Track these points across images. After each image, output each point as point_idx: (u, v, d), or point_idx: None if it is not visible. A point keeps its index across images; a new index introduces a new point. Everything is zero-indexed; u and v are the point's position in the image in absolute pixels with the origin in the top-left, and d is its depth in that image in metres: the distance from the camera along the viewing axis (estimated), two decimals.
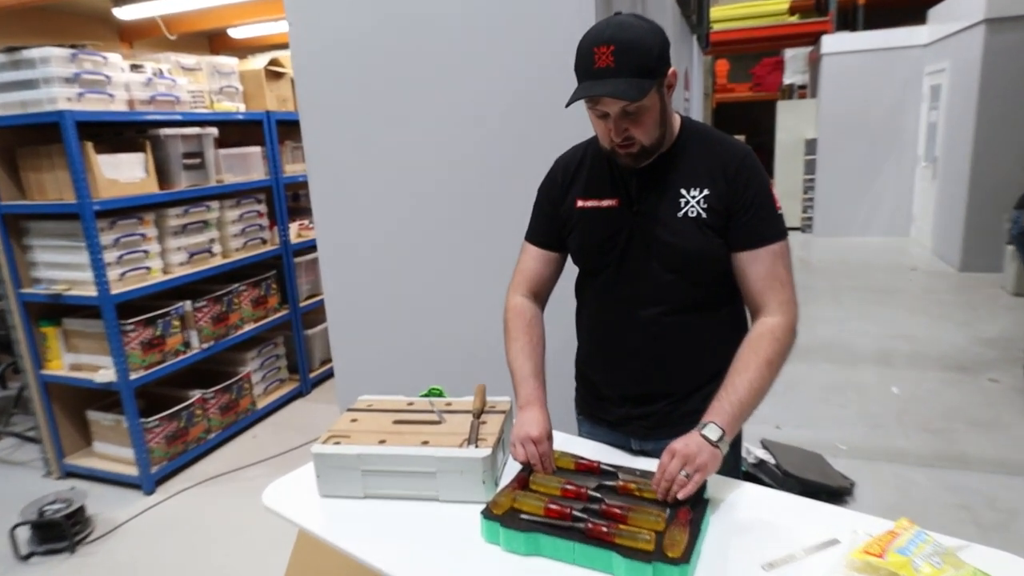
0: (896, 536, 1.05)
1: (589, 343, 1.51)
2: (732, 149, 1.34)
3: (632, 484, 1.23)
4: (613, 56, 1.18)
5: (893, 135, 8.01)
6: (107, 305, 2.97)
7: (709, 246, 1.31)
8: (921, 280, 6.25)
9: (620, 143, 1.27)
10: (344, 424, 1.49)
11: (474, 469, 1.30)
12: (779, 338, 1.28)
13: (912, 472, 3.00)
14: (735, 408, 1.22)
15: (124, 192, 3.06)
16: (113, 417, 3.22)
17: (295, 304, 4.17)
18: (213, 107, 3.71)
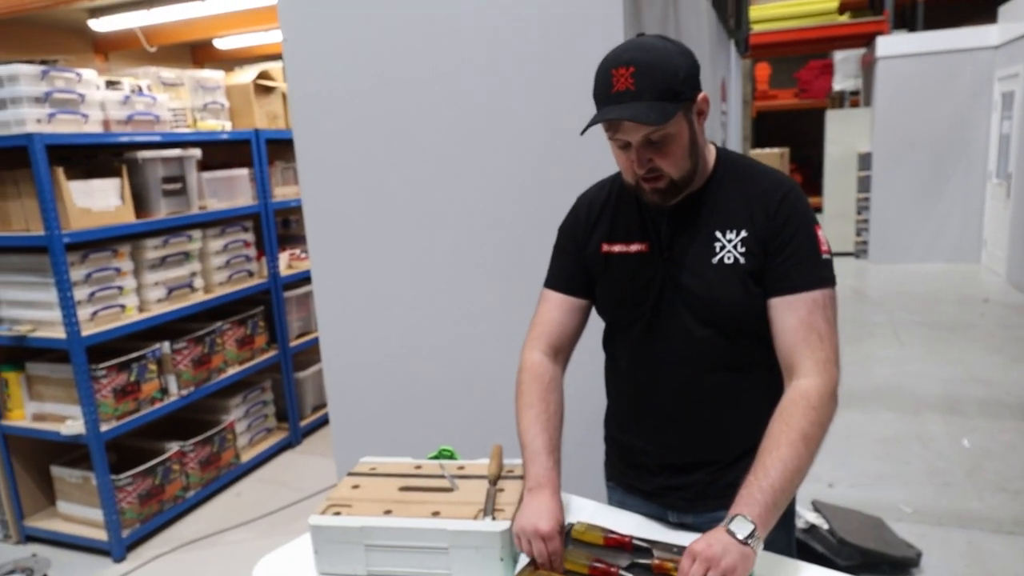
0: None
1: (620, 404, 1.53)
2: (773, 183, 1.34)
3: (669, 563, 1.24)
4: (633, 78, 1.20)
5: (959, 149, 8.02)
6: (76, 348, 3.03)
7: (747, 297, 1.31)
8: (995, 313, 6.21)
9: (644, 175, 1.28)
10: (345, 491, 1.52)
11: (491, 544, 1.32)
12: (814, 406, 1.23)
13: (988, 539, 2.97)
14: (767, 496, 1.16)
15: (97, 222, 3.14)
16: (80, 473, 3.26)
17: (285, 344, 4.22)
18: (196, 126, 3.81)
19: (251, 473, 3.96)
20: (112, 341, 3.24)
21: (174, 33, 4.10)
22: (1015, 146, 7.05)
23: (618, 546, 1.33)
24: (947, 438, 3.88)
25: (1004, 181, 7.35)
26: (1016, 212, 6.99)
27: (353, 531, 1.37)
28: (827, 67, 10.62)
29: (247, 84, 4.03)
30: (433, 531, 1.34)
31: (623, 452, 1.54)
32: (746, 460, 1.39)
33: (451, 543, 1.33)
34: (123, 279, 3.28)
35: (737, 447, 1.41)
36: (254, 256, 4.06)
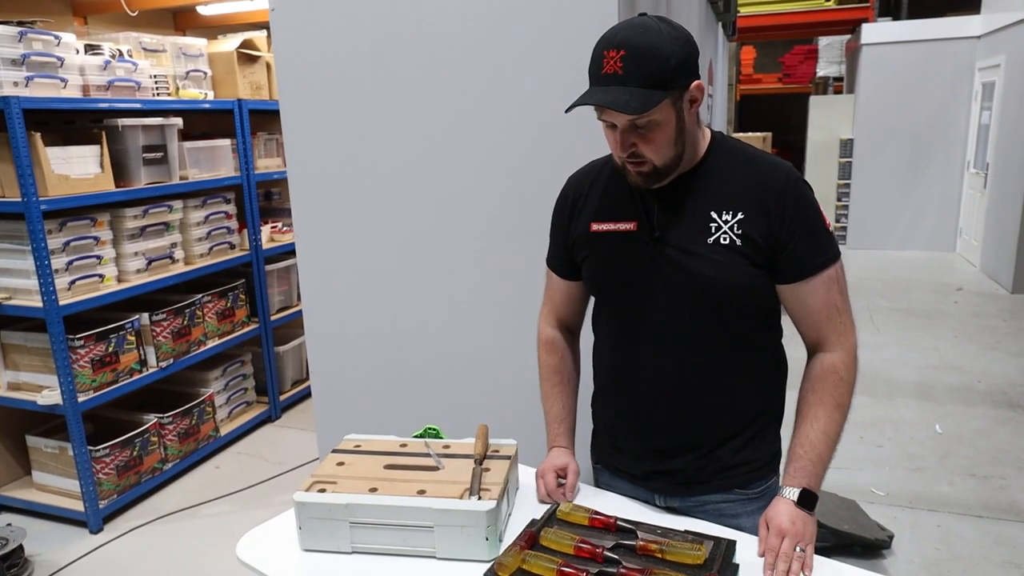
0: None
1: (606, 385, 1.53)
2: (772, 170, 1.33)
3: (653, 544, 1.25)
4: (622, 62, 1.19)
5: (939, 138, 8.10)
6: (54, 317, 2.97)
7: (743, 277, 1.30)
8: (968, 302, 6.31)
9: (627, 158, 1.29)
10: (330, 468, 1.51)
11: (477, 523, 1.31)
12: (844, 377, 1.33)
13: (957, 523, 3.03)
14: (818, 467, 1.31)
15: (75, 190, 3.07)
16: (56, 444, 3.22)
17: (265, 318, 4.18)
18: (178, 94, 3.73)
19: (230, 446, 3.94)
20: (90, 311, 3.19)
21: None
22: (993, 137, 7.13)
23: (603, 527, 1.33)
24: (920, 423, 3.95)
25: (981, 171, 7.44)
26: (992, 202, 7.09)
27: (338, 508, 1.36)
28: (812, 52, 10.64)
29: (230, 52, 3.94)
30: (419, 509, 1.33)
31: (609, 434, 1.54)
32: (733, 444, 1.42)
33: (436, 521, 1.33)
34: (102, 248, 3.22)
35: (723, 430, 1.41)
36: (236, 228, 4.00)
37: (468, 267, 2.22)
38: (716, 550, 1.25)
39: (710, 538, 1.29)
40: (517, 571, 1.21)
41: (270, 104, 4.15)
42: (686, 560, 1.22)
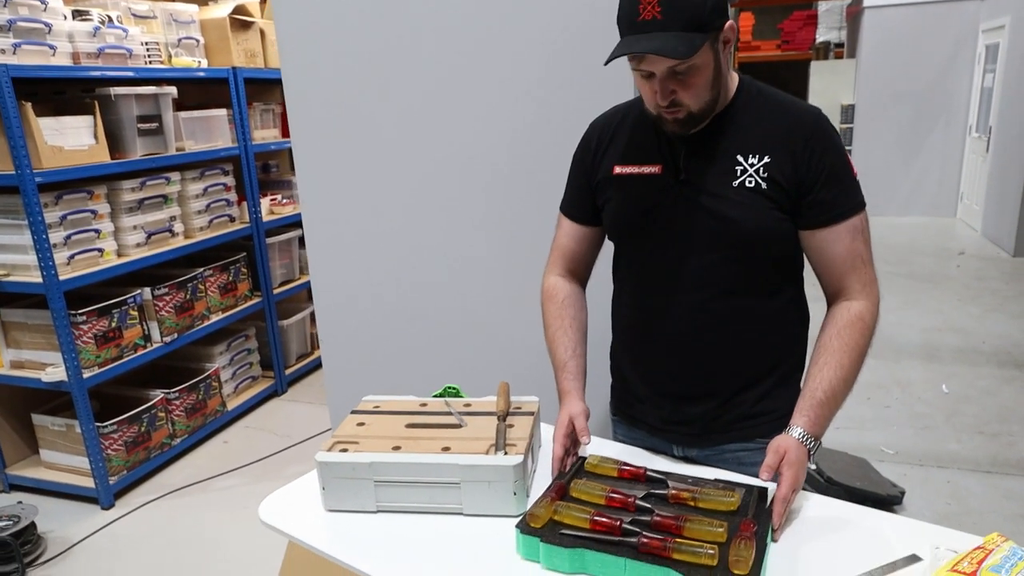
0: (988, 553, 1.07)
1: (628, 334, 1.52)
2: (800, 113, 1.32)
3: (685, 492, 1.24)
4: (660, 6, 1.16)
5: (941, 102, 8.06)
6: (54, 293, 2.94)
7: (768, 221, 1.30)
8: (971, 266, 6.32)
9: (666, 107, 1.26)
10: (350, 429, 1.49)
11: (504, 478, 1.30)
12: (869, 326, 1.33)
13: (966, 479, 3.06)
14: (832, 414, 1.31)
15: (70, 161, 3.02)
16: (63, 421, 3.21)
17: (268, 291, 4.16)
18: (171, 62, 3.66)
19: (237, 421, 3.94)
20: (90, 287, 3.15)
21: None
22: (996, 100, 7.09)
23: (632, 478, 1.33)
24: (926, 384, 3.97)
25: (984, 135, 7.41)
26: (994, 166, 7.07)
27: (362, 467, 1.35)
28: (811, 18, 10.50)
29: (223, 19, 3.87)
30: (445, 466, 1.32)
31: (629, 384, 1.54)
32: (753, 392, 1.42)
33: (463, 477, 1.32)
34: (100, 222, 3.18)
35: (743, 377, 1.42)
36: (235, 201, 3.96)
37: (476, 226, 2.20)
38: (748, 496, 1.24)
39: (741, 485, 1.28)
40: (550, 522, 1.20)
41: (266, 72, 4.09)
42: (719, 507, 1.21)
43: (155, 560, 2.78)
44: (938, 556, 1.13)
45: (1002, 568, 1.03)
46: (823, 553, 1.18)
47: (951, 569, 1.06)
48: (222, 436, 3.79)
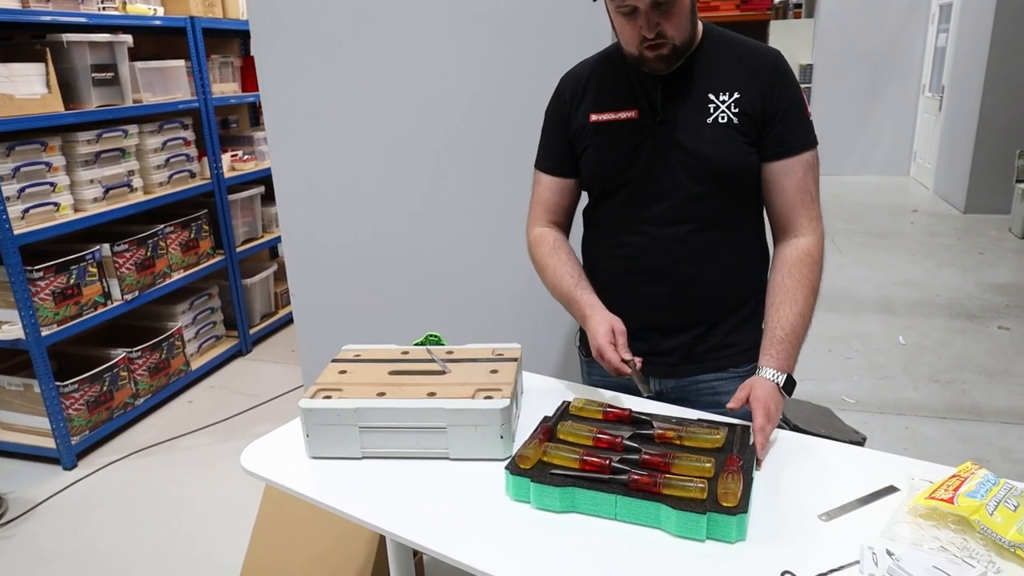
0: (963, 480, 1.11)
1: (604, 271, 1.54)
2: (762, 51, 1.39)
3: (671, 431, 1.26)
4: None
5: (896, 61, 8.17)
6: (9, 248, 2.82)
7: (742, 155, 1.36)
8: (923, 223, 6.48)
9: (652, 41, 1.29)
10: (332, 376, 1.47)
11: (491, 422, 1.30)
12: (817, 261, 1.38)
13: (923, 424, 3.17)
14: (796, 349, 1.35)
15: (21, 111, 2.88)
16: (22, 381, 3.11)
17: (231, 249, 4.06)
18: (125, 10, 3.49)
19: (202, 380, 3.87)
20: (47, 242, 3.04)
21: None
22: (949, 60, 7.20)
23: (618, 419, 1.34)
24: (884, 336, 4.08)
25: (936, 95, 7.54)
26: (946, 125, 7.21)
27: (347, 413, 1.33)
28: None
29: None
30: (432, 410, 1.31)
31: None
32: (728, 323, 1.48)
33: (450, 422, 1.31)
34: (55, 175, 3.06)
35: (717, 308, 1.48)
36: (195, 156, 3.83)
37: (450, 171, 2.17)
38: (732, 434, 1.26)
39: (725, 424, 1.30)
40: (539, 463, 1.20)
41: (225, 23, 3.94)
42: (705, 444, 1.23)
43: (121, 519, 2.74)
44: (914, 486, 1.17)
45: (978, 492, 1.07)
46: (805, 486, 1.21)
47: (928, 496, 1.10)
48: (187, 396, 3.72)
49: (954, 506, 1.06)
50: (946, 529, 1.06)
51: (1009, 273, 5.02)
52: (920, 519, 1.09)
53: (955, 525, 1.06)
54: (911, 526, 1.08)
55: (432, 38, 2.05)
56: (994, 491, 1.08)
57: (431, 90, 2.09)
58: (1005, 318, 4.24)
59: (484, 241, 2.17)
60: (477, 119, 2.09)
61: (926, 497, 1.10)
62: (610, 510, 1.13)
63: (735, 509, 1.06)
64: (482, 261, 2.18)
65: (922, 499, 1.10)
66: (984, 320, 4.23)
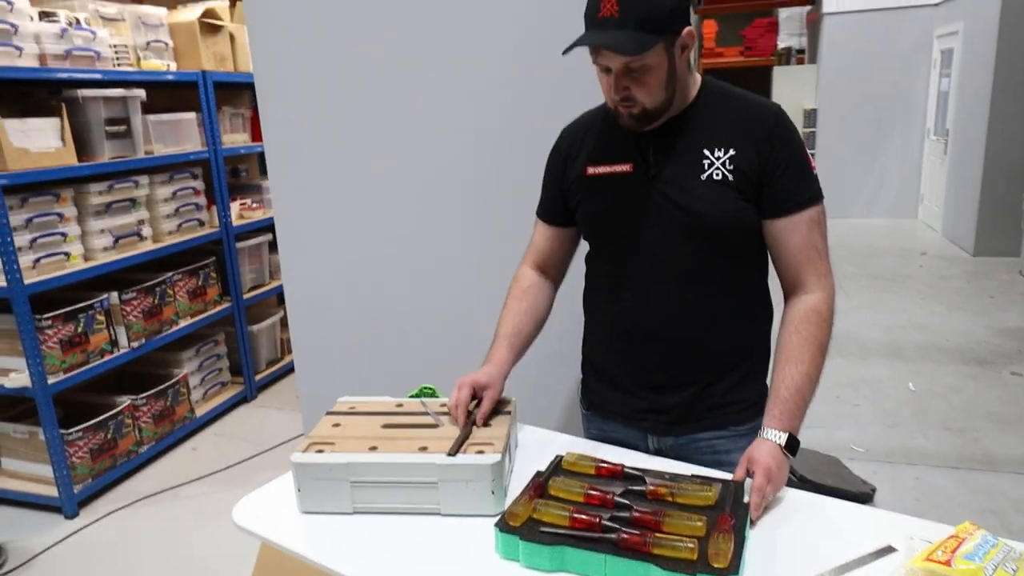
0: (961, 541, 1.08)
1: (603, 327, 1.53)
2: (760, 107, 1.37)
3: (663, 488, 1.23)
4: (618, 5, 1.20)
5: (900, 105, 8.23)
6: (19, 296, 2.86)
7: (736, 211, 1.33)
8: (932, 266, 6.45)
9: (620, 101, 1.30)
10: (326, 429, 1.47)
11: (482, 478, 1.29)
12: (826, 319, 1.34)
13: (934, 474, 3.11)
14: (801, 410, 1.31)
15: (36, 164, 2.95)
16: (27, 428, 3.12)
17: (238, 296, 4.09)
18: (139, 65, 3.59)
19: (206, 427, 3.87)
20: (56, 291, 3.07)
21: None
22: (953, 103, 7.25)
23: (610, 475, 1.32)
24: (893, 382, 4.03)
25: (941, 138, 7.57)
26: (952, 168, 7.22)
27: (339, 467, 1.32)
28: (772, 25, 10.63)
29: (192, 22, 3.80)
30: (423, 465, 1.30)
31: (602, 376, 1.54)
32: (727, 380, 1.44)
33: (441, 477, 1.30)
34: (66, 225, 3.11)
35: (715, 366, 1.44)
36: (204, 205, 3.90)
37: (449, 226, 2.18)
38: (726, 491, 1.24)
39: (719, 481, 1.28)
40: (529, 520, 1.18)
41: (235, 76, 4.03)
42: (697, 502, 1.21)
43: (122, 569, 2.71)
44: (912, 546, 1.14)
45: (975, 555, 1.04)
46: (800, 545, 1.18)
47: (926, 559, 1.07)
48: (191, 443, 3.71)
49: (951, 568, 1.03)
50: None
51: (1021, 317, 4.97)
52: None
53: None
54: None
55: (436, 94, 2.09)
56: (992, 553, 1.05)
57: (432, 146, 2.12)
58: (1018, 364, 4.18)
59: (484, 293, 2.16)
60: (477, 176, 2.11)
61: (924, 559, 1.07)
62: (599, 569, 1.11)
63: (725, 571, 1.04)
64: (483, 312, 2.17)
65: (919, 561, 1.07)
66: (996, 366, 4.17)
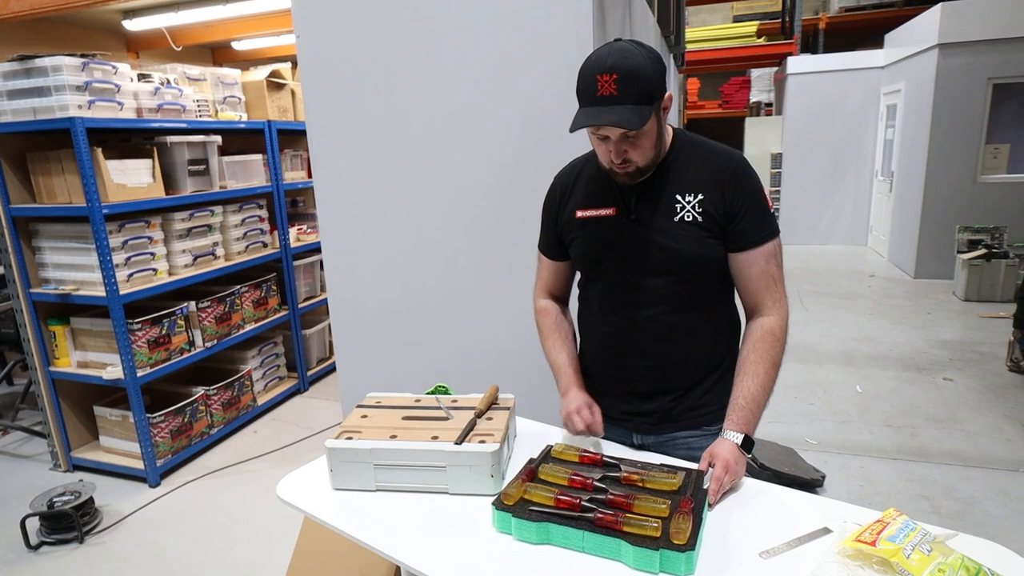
0: (885, 525, 1.06)
1: (594, 343, 1.51)
2: (725, 156, 1.35)
3: (635, 475, 1.22)
4: (616, 84, 1.18)
5: (852, 150, 8.15)
6: (115, 305, 2.90)
7: (705, 248, 1.32)
8: (879, 286, 6.35)
9: (619, 164, 1.28)
10: (355, 420, 1.47)
11: (483, 463, 1.28)
12: (779, 338, 1.33)
13: (877, 464, 3.04)
14: (755, 414, 1.30)
15: (132, 196, 3.00)
16: (120, 412, 3.15)
17: (294, 305, 4.12)
18: (217, 116, 3.65)
19: (266, 414, 3.88)
20: (145, 300, 3.12)
21: (197, 34, 3.90)
22: (896, 149, 7.17)
23: (591, 463, 1.31)
24: (844, 385, 3.96)
25: (888, 178, 7.48)
26: (896, 204, 7.13)
27: (364, 452, 1.33)
28: (746, 82, 10.64)
29: (261, 81, 3.87)
30: (433, 452, 1.30)
31: (593, 383, 1.52)
32: (701, 387, 1.43)
33: (448, 462, 1.30)
34: (155, 246, 3.15)
35: (691, 376, 1.42)
36: (267, 230, 3.93)
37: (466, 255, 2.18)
38: (688, 478, 1.23)
39: (683, 469, 1.27)
40: (520, 500, 1.18)
41: (295, 124, 4.09)
42: (663, 487, 1.20)
43: (193, 530, 2.72)
44: (845, 529, 1.12)
45: (896, 537, 1.02)
46: (750, 527, 1.16)
47: (855, 539, 1.05)
48: (253, 427, 3.73)
49: (875, 548, 1.01)
50: (870, 569, 1.01)
51: (953, 331, 4.87)
52: (848, 559, 1.04)
53: (878, 566, 1.01)
54: (839, 565, 1.03)
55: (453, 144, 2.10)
56: (911, 536, 1.03)
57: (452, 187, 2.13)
58: (950, 370, 4.10)
59: (494, 307, 2.17)
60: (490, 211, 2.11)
61: (853, 539, 1.05)
62: (578, 543, 1.10)
63: (684, 547, 1.03)
64: (492, 324, 2.18)
65: (849, 541, 1.05)
66: (931, 372, 4.09)
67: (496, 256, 2.12)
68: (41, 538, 2.66)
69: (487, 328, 2.20)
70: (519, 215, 2.02)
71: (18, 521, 2.66)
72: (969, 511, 2.65)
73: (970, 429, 3.33)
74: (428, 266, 2.24)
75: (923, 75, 6.35)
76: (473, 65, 2.02)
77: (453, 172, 2.13)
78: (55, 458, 3.26)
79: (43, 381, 3.16)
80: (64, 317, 3.13)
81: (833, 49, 8.50)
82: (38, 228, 3.04)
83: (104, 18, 3.53)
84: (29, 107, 2.83)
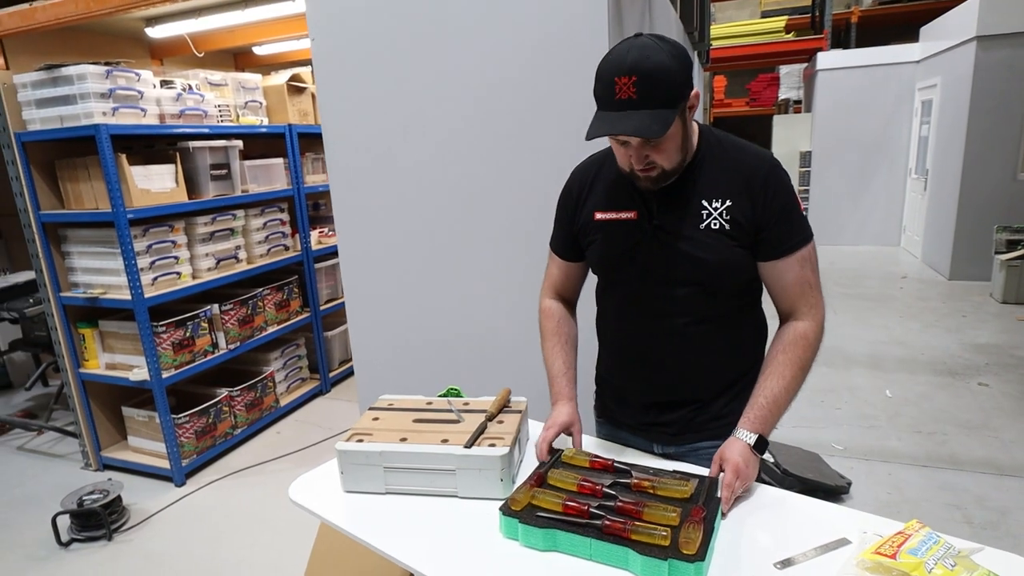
0: (907, 537, 1.02)
1: (611, 351, 1.47)
2: (755, 160, 1.26)
3: (646, 482, 1.20)
4: (635, 87, 1.09)
5: (885, 148, 7.95)
6: (140, 308, 2.97)
7: (732, 258, 1.25)
8: (912, 288, 6.18)
9: (642, 168, 1.21)
10: (366, 422, 1.48)
11: (492, 467, 1.28)
12: (812, 344, 1.27)
13: (905, 472, 2.96)
14: (774, 418, 1.25)
15: (156, 201, 3.06)
16: (146, 413, 3.22)
17: (316, 307, 4.16)
18: (238, 121, 3.71)
19: (288, 415, 3.93)
20: (170, 303, 3.18)
21: (219, 40, 3.96)
22: (932, 147, 6.98)
23: (602, 468, 1.29)
24: (872, 389, 3.86)
25: (922, 177, 7.29)
26: (931, 203, 6.94)
27: (374, 455, 1.33)
28: (774, 79, 10.47)
29: (281, 85, 3.92)
30: (443, 455, 1.30)
31: (613, 392, 1.49)
32: (724, 397, 1.37)
33: (458, 465, 1.29)
34: (178, 250, 3.21)
35: (714, 387, 1.37)
36: (289, 233, 3.99)
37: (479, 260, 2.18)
38: (701, 486, 1.20)
39: (695, 476, 1.24)
40: (528, 506, 1.17)
41: (315, 128, 4.13)
42: (675, 495, 1.17)
43: (217, 528, 2.77)
44: (864, 540, 1.08)
45: (919, 550, 0.99)
46: (765, 537, 1.14)
47: (875, 551, 1.02)
48: (276, 427, 3.78)
49: (896, 562, 0.98)
50: None
51: (989, 335, 4.72)
52: (866, 572, 1.01)
53: None
54: None
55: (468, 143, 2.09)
56: (934, 549, 0.99)
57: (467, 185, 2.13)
58: (985, 376, 3.97)
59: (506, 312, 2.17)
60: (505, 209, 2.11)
61: (872, 552, 1.02)
62: (586, 551, 1.09)
63: (694, 557, 1.01)
64: (504, 329, 2.18)
65: (868, 553, 1.02)
66: (965, 377, 3.96)
67: (512, 259, 2.12)
68: (71, 535, 2.73)
69: (497, 333, 2.19)
70: (534, 218, 2.01)
71: (49, 518, 2.73)
72: (1003, 521, 2.56)
73: (1005, 437, 3.22)
74: (443, 269, 2.24)
75: (960, 69, 6.18)
76: (486, 67, 2.01)
77: (468, 175, 2.13)
78: (86, 457, 3.35)
79: (74, 382, 3.24)
80: (93, 320, 3.21)
81: (866, 44, 8.31)
82: (67, 233, 3.12)
83: (127, 26, 3.60)
84: (56, 115, 2.91)
